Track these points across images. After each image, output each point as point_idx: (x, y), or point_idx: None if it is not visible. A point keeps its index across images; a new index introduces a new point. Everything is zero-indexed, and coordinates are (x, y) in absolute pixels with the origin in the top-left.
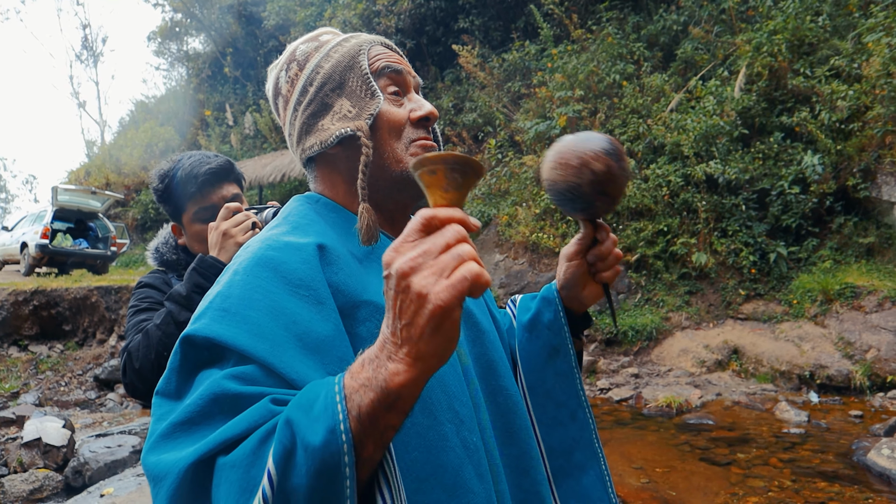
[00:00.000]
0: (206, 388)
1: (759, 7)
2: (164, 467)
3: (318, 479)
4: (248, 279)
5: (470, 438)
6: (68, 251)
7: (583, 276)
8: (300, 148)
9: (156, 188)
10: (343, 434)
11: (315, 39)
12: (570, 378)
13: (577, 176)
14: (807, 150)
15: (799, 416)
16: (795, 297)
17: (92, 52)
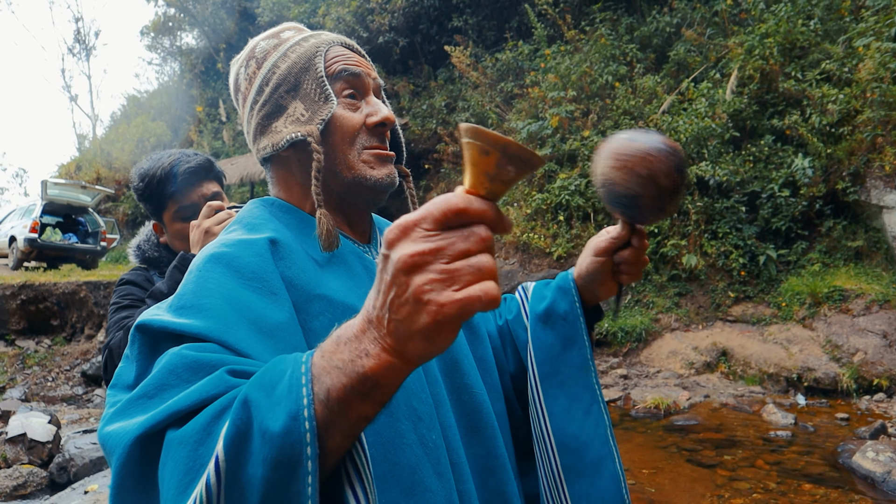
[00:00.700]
0: (165, 361)
1: (751, 10)
2: (114, 440)
3: (276, 470)
4: (201, 275)
5: (429, 436)
6: (57, 245)
7: (605, 273)
8: (255, 147)
9: (136, 187)
10: (307, 421)
11: (276, 36)
12: (585, 371)
13: (641, 186)
14: (797, 154)
15: (786, 419)
16: (784, 300)
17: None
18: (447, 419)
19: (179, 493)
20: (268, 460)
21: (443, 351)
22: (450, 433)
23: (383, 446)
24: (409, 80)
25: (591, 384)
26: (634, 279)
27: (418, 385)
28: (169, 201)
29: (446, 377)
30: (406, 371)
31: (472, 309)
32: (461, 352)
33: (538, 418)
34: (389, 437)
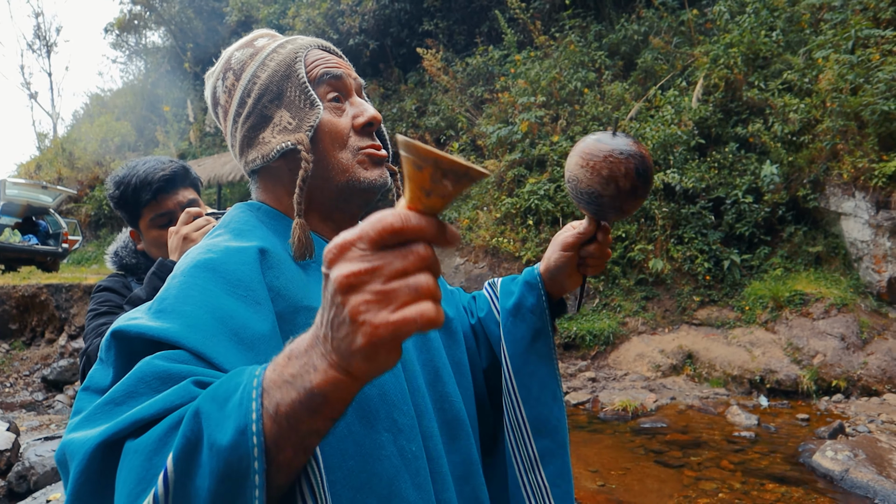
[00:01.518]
0: (135, 369)
1: (716, 20)
2: (74, 446)
3: (223, 483)
4: (185, 280)
5: (408, 447)
6: (16, 247)
7: (571, 266)
8: (243, 160)
9: (111, 195)
10: (254, 436)
11: (250, 45)
12: (550, 360)
13: (601, 185)
14: (761, 161)
15: (749, 420)
16: (748, 304)
17: (45, 41)
18: (429, 429)
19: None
20: (215, 473)
21: (389, 368)
22: (431, 443)
23: (362, 458)
24: (380, 82)
25: (555, 371)
26: (598, 271)
27: (400, 397)
28: (145, 209)
29: (430, 386)
30: (354, 388)
31: (407, 331)
32: (440, 360)
33: (514, 407)
34: (368, 449)
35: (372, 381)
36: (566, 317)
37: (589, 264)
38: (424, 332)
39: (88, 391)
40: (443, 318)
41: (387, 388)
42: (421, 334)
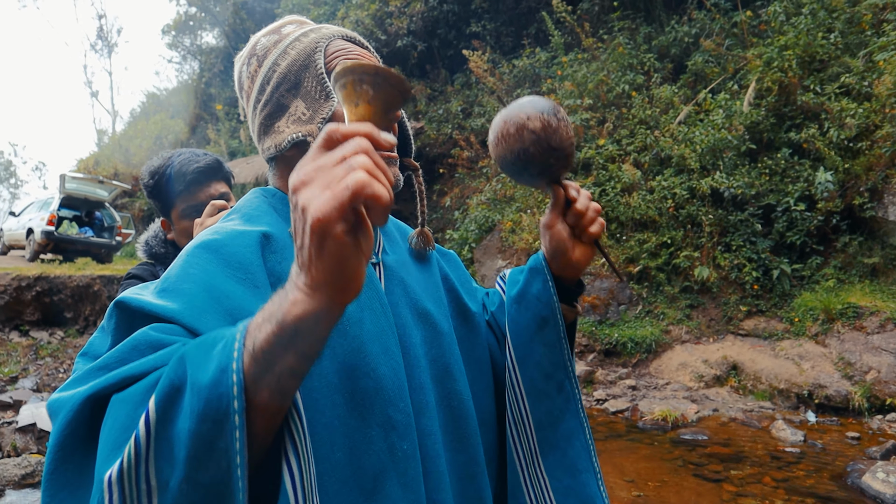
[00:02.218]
0: (130, 338)
1: (771, 22)
2: (61, 402)
3: (204, 422)
4: (188, 259)
5: (399, 445)
6: (73, 239)
7: (568, 240)
8: (260, 147)
9: (146, 184)
10: (234, 374)
11: (277, 32)
12: (559, 348)
13: (518, 142)
14: (815, 167)
15: (795, 436)
16: (797, 315)
17: (106, 42)
18: (429, 427)
19: (113, 450)
20: (195, 413)
21: (345, 267)
22: (429, 441)
23: (350, 450)
24: (426, 84)
25: (565, 361)
26: (599, 230)
27: (397, 393)
28: (177, 199)
29: (437, 383)
30: (327, 315)
31: (343, 198)
32: (453, 357)
33: (516, 398)
34: (357, 442)
35: (368, 374)
36: (608, 323)
37: (584, 226)
38: (373, 210)
39: (86, 356)
40: (381, 190)
41: (384, 382)
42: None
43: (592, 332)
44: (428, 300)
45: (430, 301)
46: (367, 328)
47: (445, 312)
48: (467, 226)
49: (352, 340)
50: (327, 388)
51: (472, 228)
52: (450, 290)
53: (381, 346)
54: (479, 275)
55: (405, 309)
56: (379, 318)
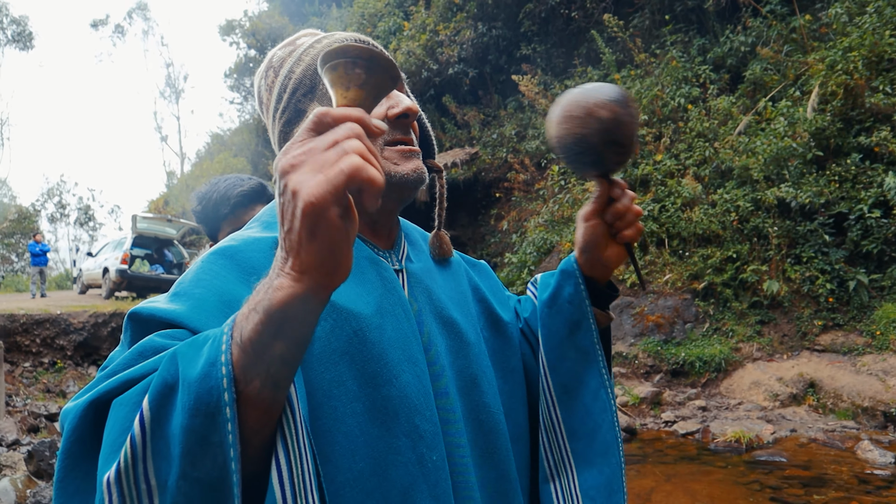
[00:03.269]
0: (137, 345)
1: (832, 24)
2: (68, 410)
3: (196, 417)
4: (202, 265)
5: (429, 456)
6: (145, 276)
7: (603, 236)
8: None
9: (194, 210)
10: (223, 366)
11: (292, 44)
12: (593, 355)
13: (583, 126)
14: (888, 172)
15: (884, 457)
16: (878, 328)
17: (174, 88)
18: (456, 439)
19: (112, 452)
20: (187, 408)
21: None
22: (457, 454)
23: (374, 461)
24: (480, 109)
25: (599, 369)
26: (635, 234)
27: (423, 401)
28: (223, 223)
29: (464, 395)
30: (314, 300)
31: (338, 184)
32: (481, 368)
33: (548, 405)
34: (382, 452)
35: (391, 382)
36: (674, 342)
37: (619, 228)
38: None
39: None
40: (375, 174)
41: (408, 390)
42: (457, 340)
43: (658, 351)
44: (454, 309)
45: (457, 310)
46: (388, 335)
47: (473, 323)
48: (525, 249)
49: (372, 347)
50: (346, 395)
51: (530, 251)
52: (480, 301)
53: (403, 354)
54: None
55: (429, 317)
56: (402, 324)
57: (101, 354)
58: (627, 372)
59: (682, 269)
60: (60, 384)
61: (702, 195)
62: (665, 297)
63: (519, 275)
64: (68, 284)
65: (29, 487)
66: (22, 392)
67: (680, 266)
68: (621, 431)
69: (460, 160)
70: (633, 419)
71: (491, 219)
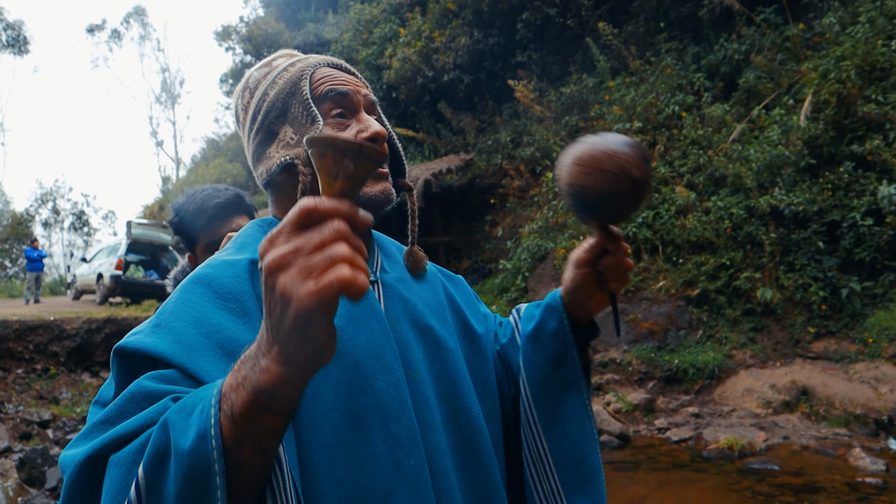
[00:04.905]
0: (127, 389)
1: (825, 33)
2: (67, 461)
3: (188, 485)
4: (181, 295)
5: (406, 461)
6: (139, 282)
7: (590, 284)
8: (255, 174)
9: (171, 221)
10: (213, 440)
11: (268, 65)
12: (577, 387)
13: (613, 182)
14: (881, 180)
15: (876, 465)
16: (871, 336)
17: (170, 94)
18: (436, 443)
19: None
20: (180, 477)
21: (325, 347)
22: (437, 458)
23: (354, 469)
24: (475, 116)
25: (583, 400)
26: (622, 285)
27: (398, 408)
28: (200, 234)
29: (443, 399)
30: (300, 381)
31: (328, 295)
32: (460, 373)
33: (534, 437)
34: (361, 460)
35: (365, 391)
36: (668, 349)
37: (609, 279)
38: (353, 299)
39: (97, 404)
40: (363, 282)
41: (383, 398)
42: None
43: (651, 358)
44: (431, 317)
45: (434, 318)
46: (362, 344)
47: (451, 331)
48: (520, 255)
49: (346, 358)
50: (323, 406)
51: (524, 257)
52: (456, 312)
53: (378, 362)
54: None
55: (405, 325)
56: (375, 334)
57: (94, 361)
58: (621, 379)
59: (675, 276)
60: (53, 391)
61: (695, 202)
62: (659, 304)
63: (513, 281)
64: (62, 290)
65: (20, 495)
66: (14, 399)
67: (674, 273)
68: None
69: (455, 166)
70: (627, 426)
71: (486, 225)
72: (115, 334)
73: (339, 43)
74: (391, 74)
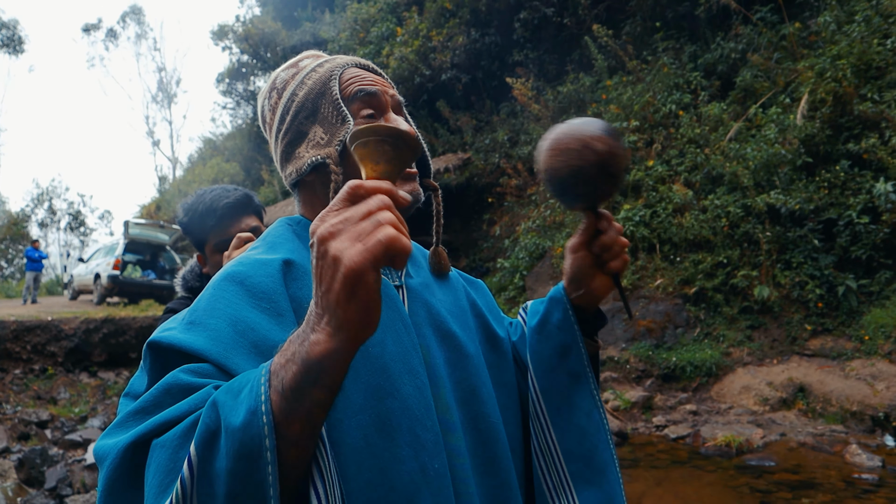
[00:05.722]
0: (163, 381)
1: (821, 32)
2: (106, 449)
3: (239, 461)
4: (214, 293)
5: (430, 464)
6: (137, 282)
7: (589, 268)
8: (284, 174)
9: (181, 220)
10: (264, 415)
11: (295, 66)
12: (584, 378)
13: (579, 159)
14: (877, 178)
15: (872, 461)
16: (867, 333)
17: (167, 93)
18: (457, 448)
19: (161, 493)
20: (231, 453)
21: (372, 311)
22: (458, 462)
23: (380, 470)
24: (472, 115)
25: (591, 390)
26: (621, 266)
27: (423, 412)
28: (210, 234)
29: (463, 405)
30: (347, 352)
31: (377, 252)
32: (479, 379)
33: (542, 429)
34: (387, 462)
35: (392, 394)
36: (665, 347)
37: (606, 259)
38: (397, 259)
39: (128, 396)
40: (407, 244)
41: (409, 402)
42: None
43: (649, 356)
44: (453, 322)
45: (455, 324)
46: (390, 349)
47: (473, 336)
48: (517, 253)
49: (374, 361)
50: (352, 408)
51: (522, 256)
52: (478, 316)
53: (404, 366)
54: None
55: (428, 330)
56: (402, 338)
57: (92, 361)
58: (619, 376)
59: (673, 275)
60: (51, 391)
61: (693, 201)
62: (656, 302)
63: (511, 280)
64: (59, 290)
65: (19, 496)
66: (12, 399)
67: (671, 271)
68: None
69: (453, 165)
70: (625, 423)
71: (483, 224)
72: (113, 334)
73: (335, 42)
74: (388, 74)
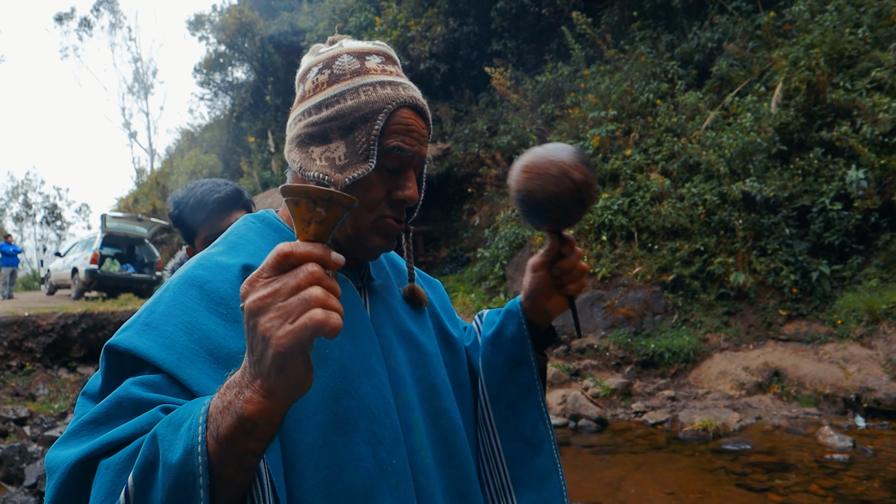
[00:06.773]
0: (115, 393)
1: (795, 21)
2: (57, 461)
3: (174, 495)
4: (173, 296)
5: (388, 460)
6: (115, 276)
7: (547, 287)
8: (287, 153)
9: (171, 214)
10: (199, 456)
11: (361, 59)
12: (533, 390)
13: (556, 185)
14: (849, 165)
15: (843, 442)
16: (840, 318)
17: (143, 84)
18: (418, 443)
19: None
20: (167, 487)
21: (304, 382)
22: (419, 457)
23: (338, 468)
24: (451, 105)
25: (538, 402)
26: (578, 289)
27: (381, 410)
28: (199, 228)
29: (424, 402)
30: (280, 411)
31: (303, 336)
32: (439, 377)
33: (488, 435)
34: (345, 460)
35: (350, 394)
36: (644, 334)
37: (565, 282)
38: (328, 338)
39: (85, 396)
40: (337, 322)
41: (367, 400)
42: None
43: (628, 343)
44: (412, 323)
45: (415, 324)
46: (348, 350)
47: (430, 335)
48: (497, 243)
49: (332, 363)
50: (310, 409)
51: (502, 246)
52: (434, 317)
53: (363, 367)
54: (511, 291)
55: (390, 330)
56: (361, 339)
57: (71, 356)
58: (598, 364)
59: (651, 262)
60: (29, 387)
61: (670, 189)
62: (635, 290)
63: (492, 269)
64: (35, 285)
65: None
66: None
67: (649, 259)
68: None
69: (432, 156)
70: (604, 410)
71: (463, 214)
72: (92, 329)
73: (313, 32)
74: None
